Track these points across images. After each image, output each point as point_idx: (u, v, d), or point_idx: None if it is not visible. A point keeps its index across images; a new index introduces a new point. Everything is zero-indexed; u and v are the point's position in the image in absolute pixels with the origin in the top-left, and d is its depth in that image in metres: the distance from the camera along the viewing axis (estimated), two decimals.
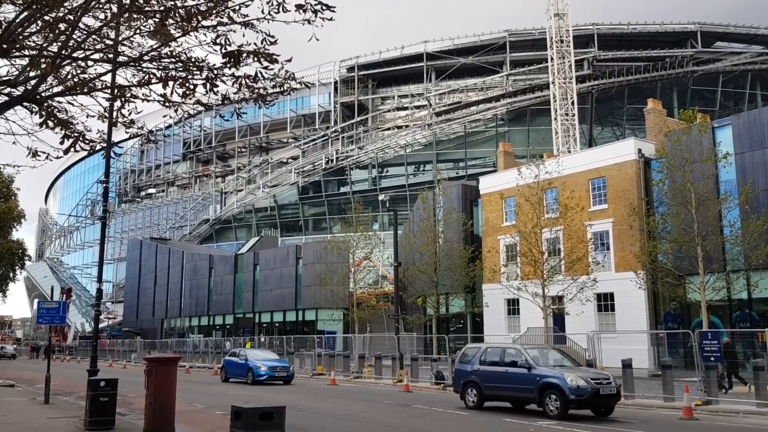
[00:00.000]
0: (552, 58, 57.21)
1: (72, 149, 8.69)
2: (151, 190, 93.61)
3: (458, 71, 70.21)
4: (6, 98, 8.39)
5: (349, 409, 18.57)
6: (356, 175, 72.68)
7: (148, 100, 8.78)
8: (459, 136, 68.53)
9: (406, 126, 72.16)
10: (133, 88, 8.89)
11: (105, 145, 10.72)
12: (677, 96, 63.50)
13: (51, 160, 9.43)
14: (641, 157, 35.09)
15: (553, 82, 57.15)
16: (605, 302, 34.94)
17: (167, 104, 9.00)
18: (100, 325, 19.79)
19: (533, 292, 32.14)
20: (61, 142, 8.76)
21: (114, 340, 70.45)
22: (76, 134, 8.91)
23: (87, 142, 9.20)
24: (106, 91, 9.27)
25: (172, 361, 12.20)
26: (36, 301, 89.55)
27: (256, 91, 8.91)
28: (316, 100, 77.03)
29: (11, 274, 56.72)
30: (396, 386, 26.47)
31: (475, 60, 68.60)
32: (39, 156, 9.17)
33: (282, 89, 9.22)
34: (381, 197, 43.05)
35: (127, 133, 10.41)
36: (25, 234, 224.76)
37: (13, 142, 10.19)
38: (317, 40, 8.87)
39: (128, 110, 9.10)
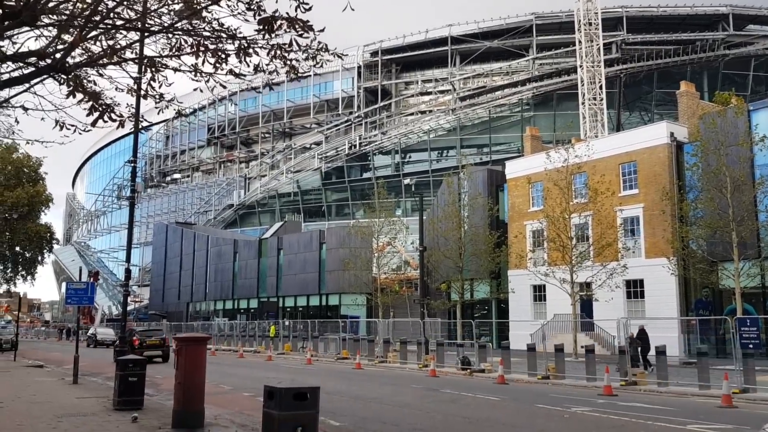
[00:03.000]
0: (580, 42, 56.10)
1: (101, 121, 8.47)
2: (177, 175, 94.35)
3: (483, 55, 69.24)
4: (34, 69, 8.18)
5: (377, 392, 18.39)
6: (379, 160, 72.23)
7: (178, 71, 8.51)
8: (483, 121, 67.67)
9: (430, 111, 71.43)
10: (164, 59, 8.63)
11: (133, 119, 10.50)
12: (707, 80, 61.91)
13: (80, 134, 9.23)
14: (673, 140, 34.26)
15: (580, 66, 56.06)
16: (635, 289, 34.31)
17: (198, 76, 8.73)
18: (127, 308, 19.74)
19: (561, 278, 31.66)
20: (88, 114, 8.55)
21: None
22: (103, 106, 8.68)
23: (115, 115, 8.97)
24: (136, 62, 9.03)
25: (201, 341, 12.02)
26: (64, 284, 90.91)
27: (289, 62, 8.61)
28: (339, 85, 76.65)
29: (40, 258, 57.53)
30: (422, 371, 26.24)
31: (500, 44, 67.60)
32: (68, 129, 8.98)
33: (315, 61, 8.92)
34: (406, 181, 42.74)
35: (156, 107, 10.18)
36: (53, 218, 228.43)
37: (42, 118, 10.02)
38: (352, 9, 8.52)
39: (158, 82, 8.86)
